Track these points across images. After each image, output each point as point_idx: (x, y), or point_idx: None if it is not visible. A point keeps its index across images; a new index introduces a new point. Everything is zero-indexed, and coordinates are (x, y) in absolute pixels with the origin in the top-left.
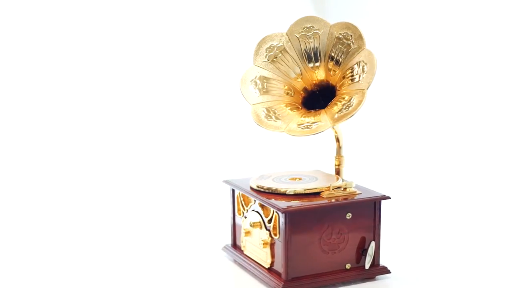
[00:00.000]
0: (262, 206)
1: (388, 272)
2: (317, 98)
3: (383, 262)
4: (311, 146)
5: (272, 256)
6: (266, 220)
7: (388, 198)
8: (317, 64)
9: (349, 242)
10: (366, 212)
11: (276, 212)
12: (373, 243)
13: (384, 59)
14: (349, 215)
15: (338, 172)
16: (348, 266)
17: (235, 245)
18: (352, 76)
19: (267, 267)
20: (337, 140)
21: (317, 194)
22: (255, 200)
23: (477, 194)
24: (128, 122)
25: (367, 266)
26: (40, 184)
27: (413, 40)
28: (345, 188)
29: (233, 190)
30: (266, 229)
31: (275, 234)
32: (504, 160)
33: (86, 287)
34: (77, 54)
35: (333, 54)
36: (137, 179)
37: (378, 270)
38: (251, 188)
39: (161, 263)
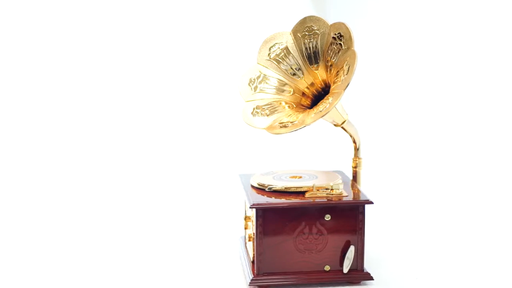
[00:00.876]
0: None
1: (371, 278)
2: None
3: (369, 268)
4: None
5: (254, 249)
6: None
7: (371, 203)
8: (317, 64)
9: (329, 244)
10: (349, 216)
11: None
12: (352, 247)
13: (383, 59)
14: (327, 217)
15: (355, 175)
16: (327, 268)
17: None
18: (340, 76)
19: (251, 260)
20: (354, 141)
21: (302, 193)
22: None
23: (468, 200)
24: (142, 120)
25: (345, 270)
26: (35, 186)
27: (413, 40)
28: (331, 189)
29: None
30: (253, 223)
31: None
32: (496, 164)
33: (96, 282)
34: (76, 54)
35: (329, 54)
36: (162, 173)
37: (359, 275)
38: (251, 185)
39: (171, 254)
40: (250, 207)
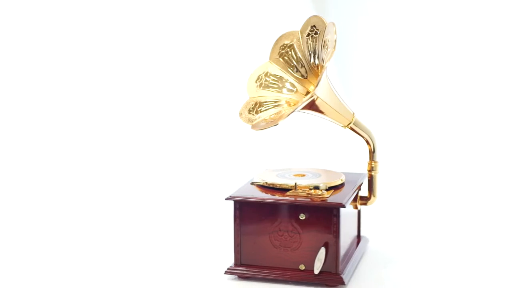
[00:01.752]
0: None
1: (342, 283)
2: None
3: (370, 269)
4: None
5: None
6: None
7: (343, 206)
8: (318, 63)
9: (304, 243)
10: (323, 217)
11: None
12: (323, 249)
13: (383, 59)
14: (302, 216)
15: (370, 179)
16: (302, 267)
17: None
18: None
19: None
20: (367, 142)
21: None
22: None
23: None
24: (148, 122)
25: (316, 272)
26: (35, 186)
27: (414, 39)
28: (315, 189)
29: None
30: None
31: None
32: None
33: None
34: (96, 54)
35: (322, 54)
36: (164, 175)
37: (331, 278)
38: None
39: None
40: (225, 199)
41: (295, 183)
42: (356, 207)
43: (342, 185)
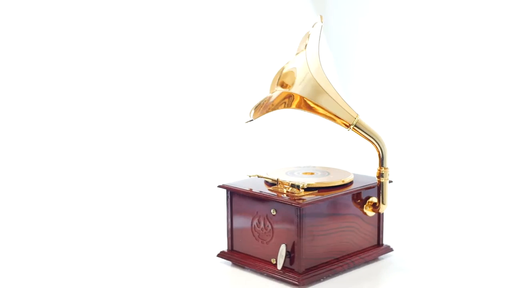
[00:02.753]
0: None
1: (300, 282)
2: None
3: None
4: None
5: None
6: None
7: (301, 207)
8: None
9: (274, 238)
10: (289, 215)
11: None
12: (283, 245)
13: (383, 59)
14: (273, 211)
15: (379, 185)
16: (273, 261)
17: None
18: None
19: None
20: (375, 146)
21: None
22: None
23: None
24: (149, 121)
25: (278, 267)
26: (31, 184)
27: (414, 39)
28: (292, 187)
29: None
30: None
31: None
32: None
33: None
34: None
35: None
36: (158, 177)
37: (290, 276)
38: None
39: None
40: (217, 186)
41: (277, 179)
42: (365, 214)
43: (344, 185)
